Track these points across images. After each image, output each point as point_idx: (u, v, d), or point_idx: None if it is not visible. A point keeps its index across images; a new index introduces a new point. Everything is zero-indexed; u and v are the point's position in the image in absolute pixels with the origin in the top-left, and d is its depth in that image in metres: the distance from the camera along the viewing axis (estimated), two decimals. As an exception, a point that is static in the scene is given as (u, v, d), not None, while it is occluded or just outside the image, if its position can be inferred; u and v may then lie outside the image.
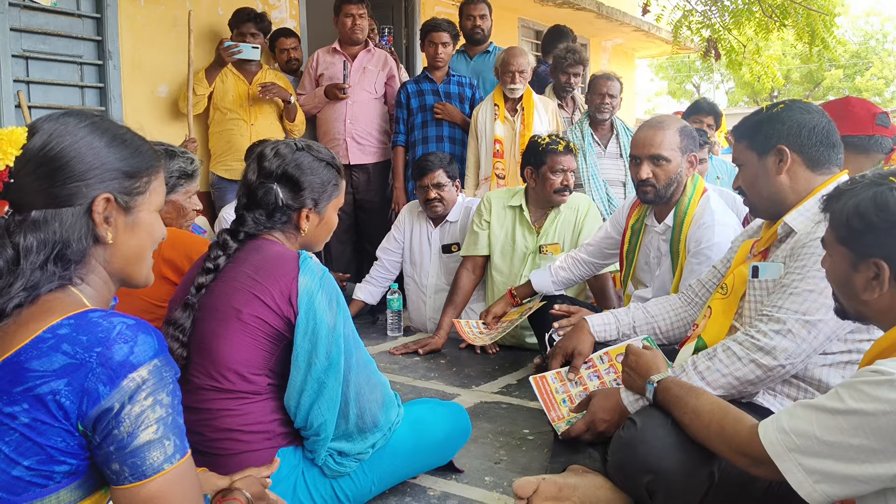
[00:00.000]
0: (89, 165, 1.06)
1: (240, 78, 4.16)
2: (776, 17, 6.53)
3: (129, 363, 0.97)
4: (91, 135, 1.08)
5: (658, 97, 31.16)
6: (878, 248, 1.18)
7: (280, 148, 1.69)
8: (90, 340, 0.97)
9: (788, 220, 1.77)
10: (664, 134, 2.47)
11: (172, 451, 1.00)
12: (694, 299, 2.19)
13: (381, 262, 3.86)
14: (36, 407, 0.95)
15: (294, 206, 1.67)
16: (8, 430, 0.95)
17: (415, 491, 1.89)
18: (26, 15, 3.53)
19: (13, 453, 0.95)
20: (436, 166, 3.57)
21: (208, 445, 1.56)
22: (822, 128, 1.77)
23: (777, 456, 1.19)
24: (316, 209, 1.70)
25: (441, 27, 4.24)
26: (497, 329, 3.07)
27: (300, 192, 1.67)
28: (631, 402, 1.74)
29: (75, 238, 1.05)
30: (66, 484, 0.99)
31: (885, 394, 1.05)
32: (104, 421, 0.96)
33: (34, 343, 0.97)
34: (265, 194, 1.65)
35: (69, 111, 1.13)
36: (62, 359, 0.96)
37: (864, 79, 25.28)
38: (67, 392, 0.95)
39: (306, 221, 1.69)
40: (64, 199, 1.04)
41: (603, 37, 8.88)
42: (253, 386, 1.57)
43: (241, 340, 1.54)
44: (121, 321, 1.00)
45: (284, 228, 1.69)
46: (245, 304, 1.55)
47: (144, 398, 0.97)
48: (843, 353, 1.67)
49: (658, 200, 2.55)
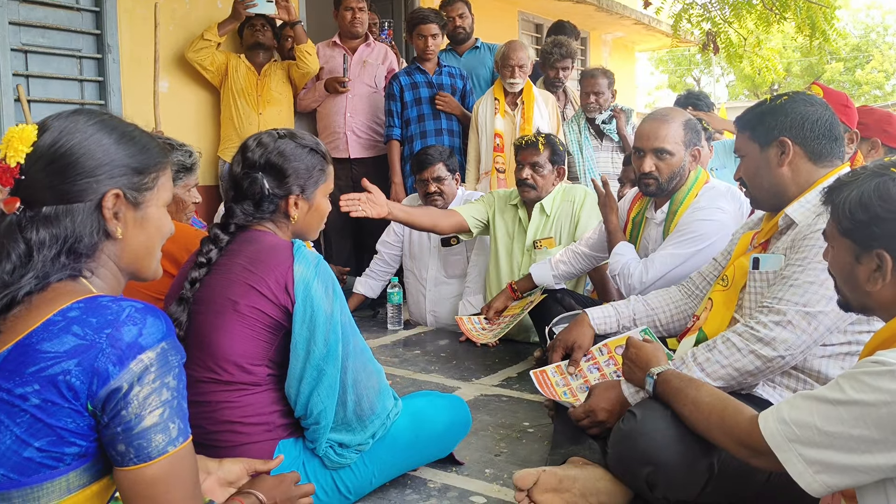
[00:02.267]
0: (99, 162, 1.09)
1: (250, 69, 4.21)
2: (777, 10, 6.51)
3: (138, 345, 1.00)
4: (100, 132, 1.11)
5: (658, 90, 31.09)
6: (880, 238, 1.18)
7: (262, 138, 1.69)
8: (100, 322, 1.00)
9: (789, 212, 1.77)
10: (668, 127, 2.48)
11: (176, 434, 1.03)
12: (694, 291, 2.19)
13: (380, 255, 3.87)
14: (47, 388, 0.97)
15: (280, 193, 1.67)
16: (19, 412, 0.97)
17: (415, 483, 1.89)
18: (25, 8, 3.52)
19: (24, 434, 0.98)
20: (435, 160, 3.56)
21: (208, 438, 1.56)
22: (826, 121, 1.77)
23: (777, 447, 1.19)
24: (304, 195, 1.69)
25: (429, 18, 4.20)
26: (500, 325, 3.07)
27: (285, 179, 1.67)
28: (631, 394, 1.74)
29: (86, 233, 1.08)
30: (76, 466, 1.01)
31: (886, 384, 1.05)
32: (113, 401, 0.98)
33: (45, 325, 1.00)
34: (251, 184, 1.65)
35: (79, 109, 1.16)
36: (73, 340, 0.98)
37: (864, 72, 25.23)
38: (78, 372, 0.97)
39: (295, 209, 1.68)
40: (74, 196, 1.08)
41: (603, 30, 8.86)
42: (252, 377, 1.57)
43: (240, 332, 1.55)
44: (129, 304, 1.03)
45: (274, 218, 1.69)
46: (242, 295, 1.55)
47: (152, 380, 1.00)
48: (842, 345, 1.67)
49: (659, 193, 2.57)
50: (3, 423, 0.97)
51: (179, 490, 1.03)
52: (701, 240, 2.42)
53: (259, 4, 4.03)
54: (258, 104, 4.18)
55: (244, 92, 4.18)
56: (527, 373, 2.51)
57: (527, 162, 3.28)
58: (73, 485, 1.01)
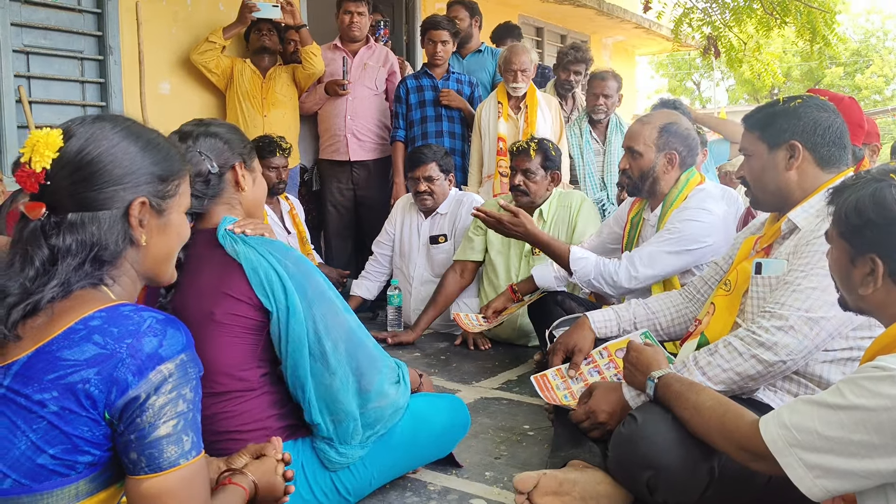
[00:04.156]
0: (126, 170, 1.10)
1: (255, 72, 4.22)
2: (777, 15, 6.52)
3: (158, 356, 1.00)
4: (126, 139, 1.11)
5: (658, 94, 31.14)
6: (873, 243, 1.19)
7: (184, 127, 1.67)
8: (121, 332, 1.00)
9: (793, 217, 1.77)
10: (643, 129, 2.57)
11: (189, 447, 1.02)
12: (695, 295, 2.19)
13: (375, 256, 3.89)
14: (65, 395, 0.97)
15: (225, 164, 1.65)
16: (36, 418, 0.97)
17: (415, 486, 1.89)
18: (27, 10, 3.52)
19: (40, 441, 0.98)
20: (428, 159, 3.57)
21: (207, 448, 1.56)
22: (837, 128, 1.77)
23: (778, 451, 1.19)
24: (247, 166, 1.69)
25: (440, 25, 4.24)
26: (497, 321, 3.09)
27: (223, 151, 1.65)
28: (632, 397, 1.75)
29: (112, 241, 1.08)
30: (87, 475, 1.01)
31: (887, 389, 1.06)
32: (130, 409, 0.99)
33: (66, 333, 1.00)
34: (195, 163, 1.60)
35: (102, 115, 1.15)
36: (93, 349, 0.99)
37: (864, 76, 25.24)
38: (97, 381, 0.97)
39: (243, 179, 1.67)
40: (101, 203, 1.07)
41: (604, 34, 8.87)
42: (246, 382, 1.58)
43: (223, 342, 1.55)
44: (151, 315, 1.03)
45: (225, 195, 1.66)
46: (216, 304, 1.55)
47: (169, 391, 1.01)
48: (844, 350, 1.67)
49: (634, 191, 2.66)
50: (19, 428, 0.97)
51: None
52: (686, 240, 2.42)
53: (264, 10, 4.05)
54: (263, 107, 4.19)
55: (249, 95, 4.20)
56: (527, 376, 2.52)
57: (519, 168, 3.31)
58: (82, 492, 1.01)
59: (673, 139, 2.53)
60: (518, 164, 3.31)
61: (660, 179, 2.56)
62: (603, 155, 4.35)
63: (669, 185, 2.56)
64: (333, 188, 4.45)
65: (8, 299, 1.00)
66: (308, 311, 1.56)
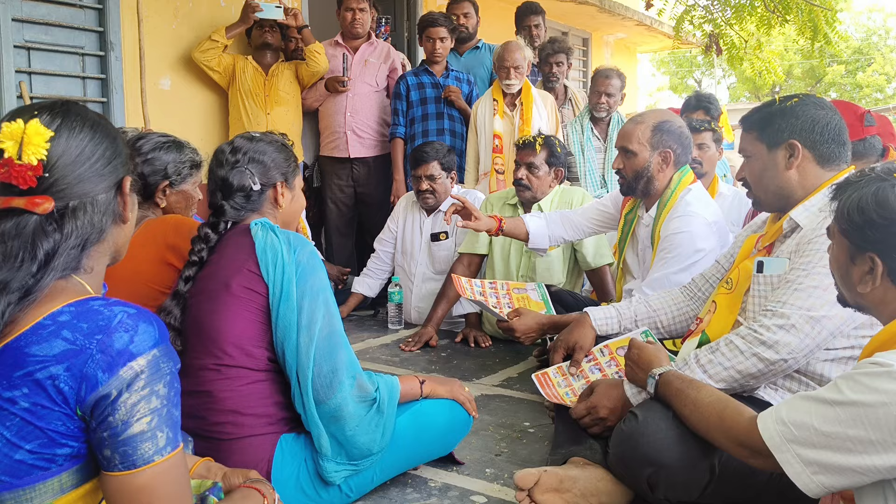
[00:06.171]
0: (116, 151, 1.11)
1: (258, 70, 4.22)
2: (778, 13, 6.50)
3: (129, 352, 0.98)
4: (103, 122, 1.12)
5: (660, 92, 31.05)
6: (873, 242, 1.19)
7: (236, 141, 1.79)
8: (91, 328, 0.98)
9: (794, 216, 1.77)
10: (636, 128, 2.55)
11: (164, 443, 1.00)
12: (697, 294, 2.19)
13: (377, 253, 3.89)
14: (35, 391, 0.95)
15: (267, 182, 1.76)
16: (8, 415, 0.96)
17: (416, 482, 1.90)
18: (28, 5, 3.52)
19: (14, 437, 0.96)
20: (431, 157, 3.57)
21: (210, 430, 1.58)
22: (835, 125, 1.77)
23: (775, 447, 1.19)
24: (287, 184, 1.79)
25: (438, 22, 4.24)
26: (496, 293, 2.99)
27: (269, 169, 1.76)
28: (633, 394, 1.75)
29: (106, 223, 1.09)
30: (69, 467, 1.00)
31: (884, 385, 1.06)
32: (101, 407, 0.97)
33: (34, 329, 0.98)
34: (240, 178, 1.73)
35: (46, 102, 1.13)
36: (62, 345, 0.97)
37: (865, 75, 25.21)
38: (66, 377, 0.96)
39: (282, 197, 1.78)
40: (99, 184, 1.08)
41: (605, 31, 8.86)
42: (254, 360, 1.60)
43: (236, 313, 1.59)
44: (122, 310, 1.01)
45: (263, 209, 1.77)
46: (233, 275, 1.61)
47: (141, 387, 0.98)
48: (846, 349, 1.67)
49: (629, 191, 2.63)
50: None
51: (164, 501, 1.00)
52: (685, 255, 2.40)
53: (267, 10, 4.06)
54: (266, 104, 4.20)
55: (252, 93, 4.20)
56: (527, 373, 2.52)
57: (523, 162, 3.30)
58: (66, 485, 1.00)
59: (667, 137, 2.53)
60: (522, 158, 3.30)
61: (654, 178, 2.55)
62: (604, 152, 4.35)
63: (664, 183, 2.55)
64: (334, 185, 4.45)
65: (9, 296, 0.98)
66: (300, 300, 1.60)
